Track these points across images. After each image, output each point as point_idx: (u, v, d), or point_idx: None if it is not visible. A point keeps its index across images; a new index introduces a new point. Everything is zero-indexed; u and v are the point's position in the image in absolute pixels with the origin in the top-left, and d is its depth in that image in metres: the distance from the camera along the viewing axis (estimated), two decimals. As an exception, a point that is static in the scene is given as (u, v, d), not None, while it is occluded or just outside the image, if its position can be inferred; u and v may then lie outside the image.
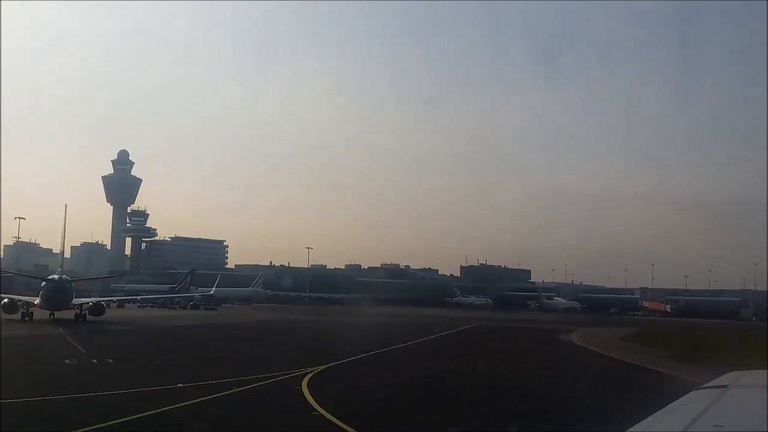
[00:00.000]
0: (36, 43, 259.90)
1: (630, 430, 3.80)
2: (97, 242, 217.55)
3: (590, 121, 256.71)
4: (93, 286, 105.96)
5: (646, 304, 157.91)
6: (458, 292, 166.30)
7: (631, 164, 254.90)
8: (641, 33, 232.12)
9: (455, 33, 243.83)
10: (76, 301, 55.28)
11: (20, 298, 56.80)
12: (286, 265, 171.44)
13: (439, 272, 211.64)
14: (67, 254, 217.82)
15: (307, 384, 20.81)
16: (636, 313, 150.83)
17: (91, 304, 56.10)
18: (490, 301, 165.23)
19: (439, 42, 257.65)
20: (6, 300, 55.11)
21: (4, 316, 52.60)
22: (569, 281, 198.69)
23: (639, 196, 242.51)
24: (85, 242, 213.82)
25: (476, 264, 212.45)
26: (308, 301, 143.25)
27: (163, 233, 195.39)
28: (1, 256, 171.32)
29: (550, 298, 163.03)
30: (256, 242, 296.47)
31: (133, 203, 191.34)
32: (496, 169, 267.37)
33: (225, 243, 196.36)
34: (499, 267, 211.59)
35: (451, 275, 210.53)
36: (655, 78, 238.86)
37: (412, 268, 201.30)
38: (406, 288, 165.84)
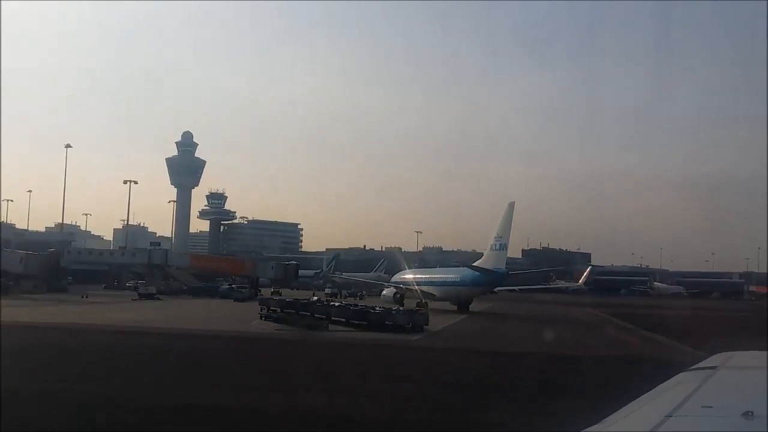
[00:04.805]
0: (82, 31, 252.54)
1: (620, 411, 3.85)
2: (139, 224, 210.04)
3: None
4: None
5: (753, 288, 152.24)
6: (554, 276, 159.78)
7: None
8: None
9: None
10: None
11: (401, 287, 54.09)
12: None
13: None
14: (109, 237, 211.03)
15: None
16: (744, 297, 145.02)
17: None
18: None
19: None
20: (386, 290, 53.20)
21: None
22: (636, 264, 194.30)
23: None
24: (128, 224, 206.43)
25: (538, 248, 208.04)
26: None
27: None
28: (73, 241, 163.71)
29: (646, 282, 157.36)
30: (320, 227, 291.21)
31: (197, 186, 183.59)
32: (542, 150, 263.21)
33: (300, 226, 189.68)
34: (561, 250, 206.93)
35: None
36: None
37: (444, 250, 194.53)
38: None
